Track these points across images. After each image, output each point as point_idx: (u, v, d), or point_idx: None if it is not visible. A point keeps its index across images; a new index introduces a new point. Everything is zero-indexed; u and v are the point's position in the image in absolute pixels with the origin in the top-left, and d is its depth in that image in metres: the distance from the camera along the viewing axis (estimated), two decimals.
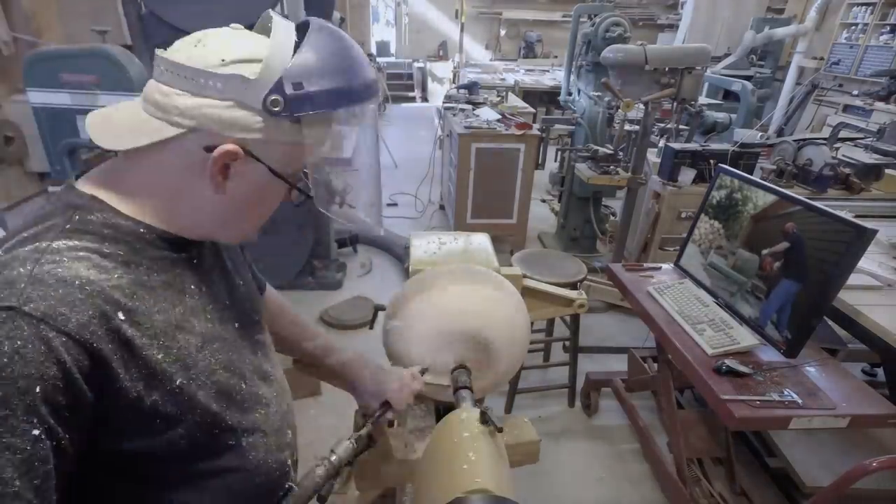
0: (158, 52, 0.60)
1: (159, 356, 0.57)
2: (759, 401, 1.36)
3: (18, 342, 0.48)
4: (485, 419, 0.84)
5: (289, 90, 0.58)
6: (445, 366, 1.05)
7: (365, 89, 0.64)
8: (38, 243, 0.54)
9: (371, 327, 1.34)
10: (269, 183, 0.63)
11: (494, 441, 0.83)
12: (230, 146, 0.58)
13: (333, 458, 0.83)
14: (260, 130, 0.59)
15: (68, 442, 0.51)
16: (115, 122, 0.61)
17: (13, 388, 0.47)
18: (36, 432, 0.48)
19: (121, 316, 0.55)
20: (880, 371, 2.50)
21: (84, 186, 0.61)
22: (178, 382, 0.59)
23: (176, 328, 0.60)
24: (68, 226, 0.56)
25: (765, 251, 1.58)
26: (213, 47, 0.59)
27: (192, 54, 0.58)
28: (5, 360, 0.47)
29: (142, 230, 0.60)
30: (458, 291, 1.05)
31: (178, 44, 0.61)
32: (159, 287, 0.60)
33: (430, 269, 1.11)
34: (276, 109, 0.58)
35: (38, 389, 0.48)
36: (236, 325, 0.72)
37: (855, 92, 6.34)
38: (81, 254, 0.55)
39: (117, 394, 0.54)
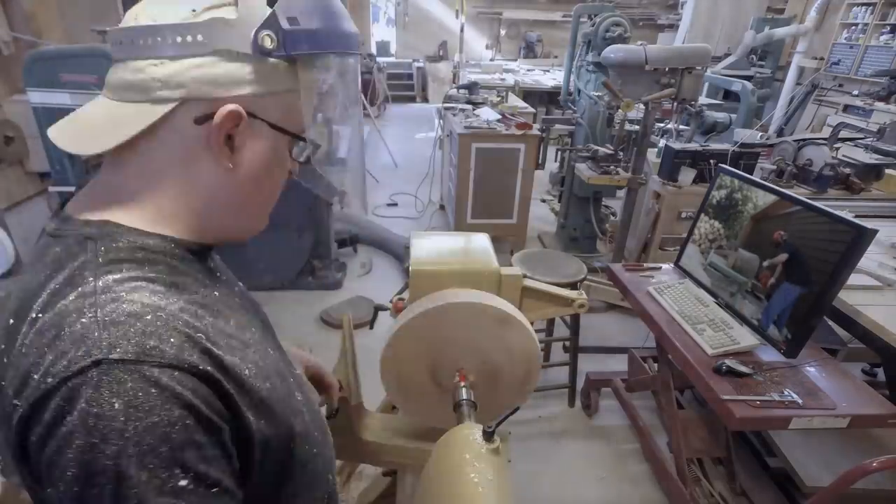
0: (112, 28, 0.52)
1: (245, 371, 0.52)
2: (759, 401, 1.36)
3: (127, 395, 0.42)
4: (488, 437, 0.81)
5: (284, 24, 0.52)
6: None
7: (350, 38, 0.60)
8: (79, 288, 0.47)
9: (371, 327, 1.34)
10: (275, 145, 0.57)
11: (498, 458, 0.80)
12: (231, 106, 0.51)
13: None
14: (253, 81, 0.53)
15: (229, 479, 0.48)
16: (86, 124, 0.54)
17: (142, 446, 0.42)
18: (183, 483, 0.43)
19: (201, 336, 0.49)
20: (880, 371, 2.50)
21: (84, 214, 0.53)
22: (263, 395, 0.53)
23: (239, 341, 0.55)
24: (100, 259, 0.49)
25: (764, 263, 1.58)
26: (173, 1, 0.52)
27: (154, 14, 0.51)
28: (121, 419, 0.42)
29: (172, 245, 0.54)
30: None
31: (129, 14, 0.54)
32: (210, 302, 0.54)
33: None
34: (269, 47, 0.52)
35: (172, 435, 0.43)
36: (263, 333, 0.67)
37: (855, 92, 6.34)
38: (133, 284, 0.49)
39: (241, 420, 0.50)
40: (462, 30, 7.12)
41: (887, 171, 2.91)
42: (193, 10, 0.51)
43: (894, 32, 6.09)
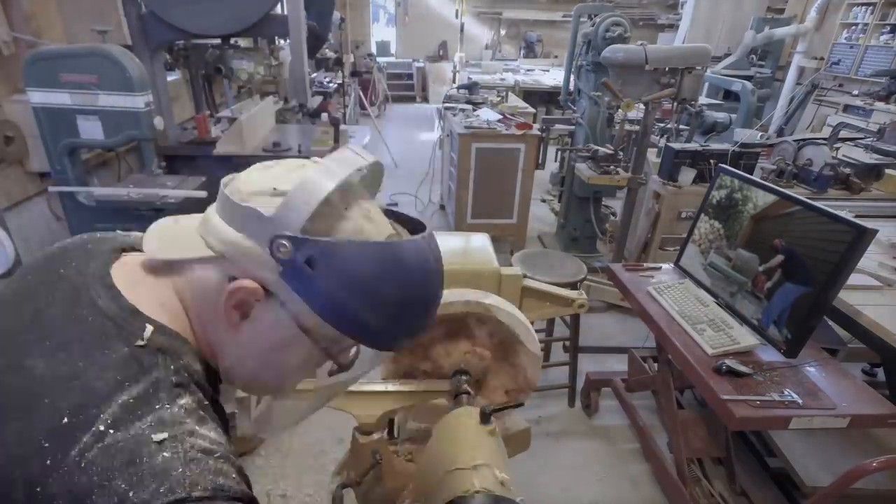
0: (226, 179, 0.58)
1: None
2: (759, 401, 1.36)
3: None
4: (485, 418, 0.83)
5: (301, 254, 0.50)
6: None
7: (395, 340, 0.59)
8: (157, 412, 0.47)
9: None
10: (295, 336, 0.56)
11: (494, 439, 0.83)
12: (247, 282, 0.52)
13: None
14: (275, 272, 0.52)
15: None
16: (174, 231, 0.59)
17: None
18: None
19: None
20: (880, 371, 2.50)
21: (143, 307, 0.53)
22: None
23: None
24: (172, 379, 0.50)
25: (760, 268, 1.57)
26: (255, 176, 0.56)
27: (236, 182, 0.56)
28: None
29: (207, 374, 0.56)
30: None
31: (254, 172, 0.58)
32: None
33: None
34: (279, 254, 0.50)
35: None
36: None
37: (855, 92, 6.34)
38: (199, 414, 0.50)
39: None
40: (462, 30, 7.12)
41: (887, 171, 2.91)
42: (274, 189, 0.52)
43: (894, 32, 6.09)
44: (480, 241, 1.31)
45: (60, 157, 2.11)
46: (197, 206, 2.28)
